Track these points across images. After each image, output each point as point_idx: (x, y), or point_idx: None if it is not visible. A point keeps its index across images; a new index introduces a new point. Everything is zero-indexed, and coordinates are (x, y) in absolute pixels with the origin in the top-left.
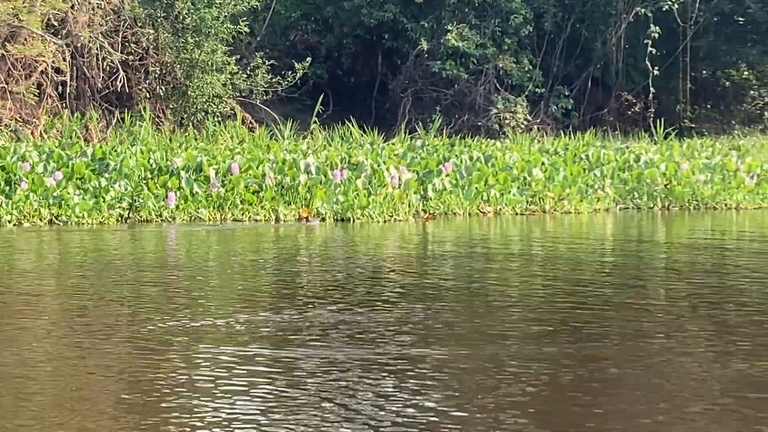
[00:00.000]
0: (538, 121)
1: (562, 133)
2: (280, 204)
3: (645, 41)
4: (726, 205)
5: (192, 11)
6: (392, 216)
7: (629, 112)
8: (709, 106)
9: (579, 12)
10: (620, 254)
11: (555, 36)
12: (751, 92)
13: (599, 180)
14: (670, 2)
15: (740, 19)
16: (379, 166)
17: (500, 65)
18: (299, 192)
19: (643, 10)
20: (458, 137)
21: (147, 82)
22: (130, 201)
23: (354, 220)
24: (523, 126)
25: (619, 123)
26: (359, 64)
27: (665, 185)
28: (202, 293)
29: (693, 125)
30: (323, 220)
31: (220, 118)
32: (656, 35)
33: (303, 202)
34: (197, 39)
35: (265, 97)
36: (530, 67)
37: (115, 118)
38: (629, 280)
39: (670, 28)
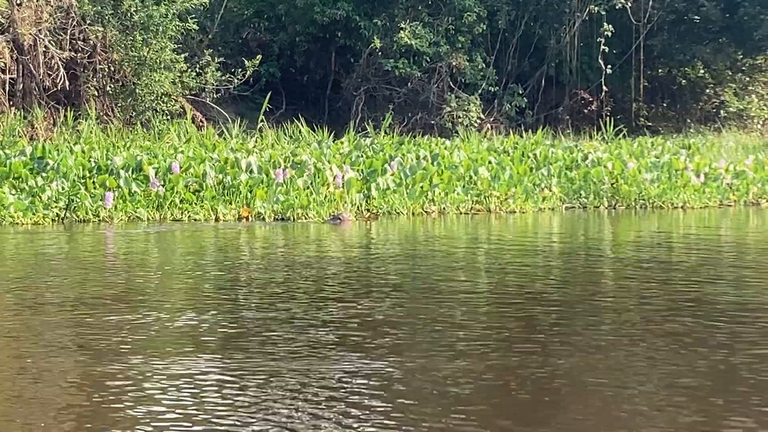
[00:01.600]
0: (492, 119)
1: (513, 131)
2: (219, 203)
3: (598, 39)
4: (672, 204)
5: (140, 8)
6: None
7: (585, 111)
8: (665, 105)
9: (533, 10)
10: (551, 253)
11: (509, 34)
12: (707, 91)
13: (546, 179)
14: (623, 0)
15: (695, 17)
16: (322, 165)
17: (453, 63)
18: (240, 191)
19: (596, 9)
20: (411, 136)
21: (95, 80)
22: (67, 201)
23: (294, 220)
24: (476, 124)
25: (575, 121)
26: (312, 63)
27: (612, 184)
28: (143, 295)
29: (649, 123)
30: (337, 219)
31: (169, 117)
32: (609, 33)
33: (244, 201)
34: (145, 37)
35: (216, 96)
36: (484, 65)
37: (62, 117)
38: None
39: (624, 26)
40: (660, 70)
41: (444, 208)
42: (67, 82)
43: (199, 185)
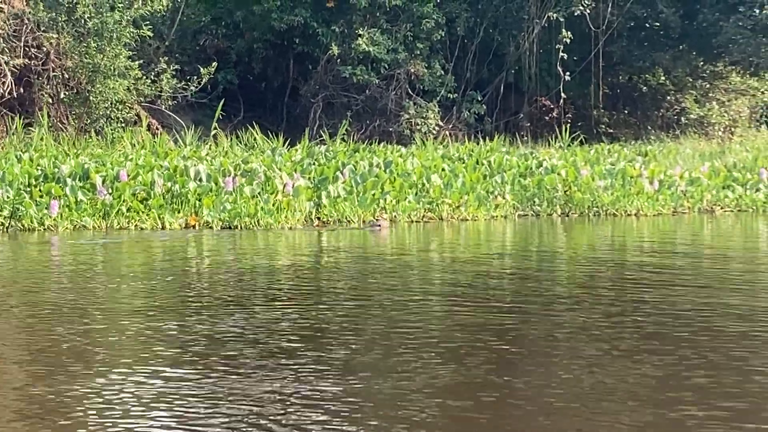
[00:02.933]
0: (451, 126)
1: (472, 138)
2: (167, 212)
3: (557, 46)
4: (626, 211)
5: (94, 15)
6: (280, 224)
7: (546, 118)
8: (626, 112)
9: (491, 17)
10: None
11: (468, 41)
12: (668, 97)
13: (500, 186)
14: (581, 7)
15: (655, 24)
16: (273, 173)
17: (412, 70)
18: (189, 200)
19: (555, 15)
20: (368, 143)
21: (49, 87)
22: (11, 209)
23: (241, 228)
24: (435, 132)
25: (536, 128)
26: (270, 69)
27: (565, 191)
28: (95, 305)
29: (611, 130)
30: (377, 225)
31: (124, 124)
32: (568, 40)
33: (192, 210)
34: (99, 43)
35: (172, 103)
36: (442, 72)
37: (15, 125)
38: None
39: (583, 33)
40: (621, 77)
41: (395, 216)
42: (19, 89)
43: (147, 193)
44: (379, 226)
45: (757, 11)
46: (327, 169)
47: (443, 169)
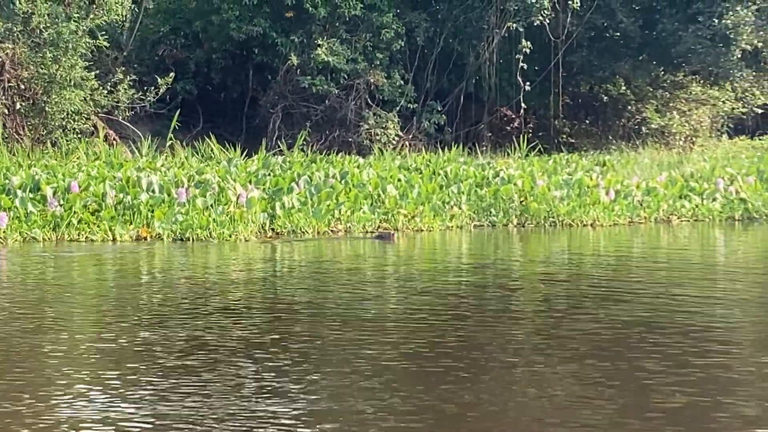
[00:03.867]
0: (411, 136)
1: (432, 149)
2: (118, 224)
3: (517, 56)
4: (582, 222)
5: (49, 25)
6: (233, 235)
7: (507, 128)
8: (588, 122)
9: (451, 27)
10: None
11: (427, 51)
12: (629, 107)
13: (456, 197)
14: (541, 17)
15: (615, 34)
16: (226, 184)
17: (371, 80)
18: (141, 211)
19: (514, 25)
20: (328, 154)
21: (5, 98)
22: None
23: (193, 240)
24: (394, 142)
25: (497, 138)
26: (229, 80)
27: (521, 202)
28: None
29: (572, 140)
30: (384, 236)
31: (80, 135)
32: (528, 50)
33: (144, 221)
34: (55, 54)
35: (129, 113)
36: (402, 82)
37: None
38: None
39: (543, 43)
40: (582, 87)
41: (350, 227)
42: None
43: (99, 205)
44: (390, 236)
45: (716, 21)
46: (282, 180)
47: (399, 180)
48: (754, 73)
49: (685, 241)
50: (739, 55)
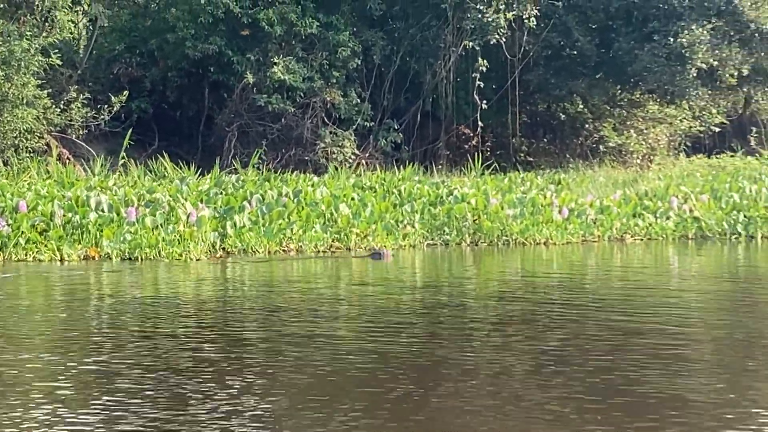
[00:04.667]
0: (367, 155)
1: (388, 167)
2: (65, 243)
3: (473, 75)
4: (535, 240)
5: (1, 43)
6: (182, 255)
7: (465, 146)
8: (546, 140)
9: (408, 45)
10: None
11: (384, 69)
12: (587, 126)
13: (409, 215)
14: (497, 36)
15: (571, 52)
16: (177, 202)
17: (328, 99)
18: (89, 231)
19: (471, 44)
20: (283, 172)
21: None
22: None
23: (142, 259)
24: (351, 160)
25: (455, 157)
26: (185, 98)
27: (474, 220)
28: None
29: (531, 159)
30: (377, 255)
31: (33, 154)
32: (484, 69)
33: (92, 241)
34: (7, 72)
35: (83, 132)
36: (359, 100)
37: None
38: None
39: (500, 61)
40: (539, 105)
41: (302, 246)
42: None
43: (47, 224)
44: (380, 255)
45: (672, 40)
46: (233, 199)
47: (353, 199)
48: (709, 92)
49: (630, 258)
50: (695, 74)
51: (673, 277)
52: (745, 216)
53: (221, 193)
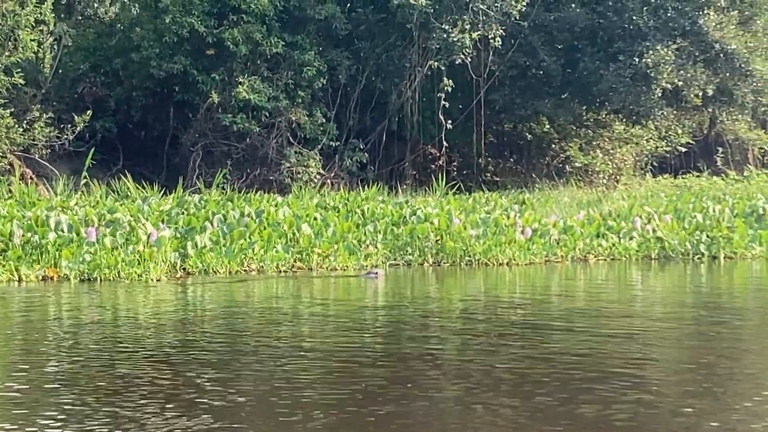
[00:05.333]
0: (332, 175)
1: (353, 187)
2: (24, 264)
3: (439, 95)
4: (497, 261)
5: None
6: (142, 275)
7: (432, 166)
8: (513, 160)
9: (373, 65)
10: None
11: (350, 88)
12: (553, 146)
13: (372, 235)
14: (462, 56)
15: (537, 72)
16: (138, 223)
17: (293, 118)
18: (48, 251)
19: (436, 64)
20: (248, 192)
21: None
22: None
23: (101, 280)
24: (316, 180)
25: (422, 177)
26: (150, 117)
27: (436, 241)
28: None
29: (497, 179)
30: (373, 274)
31: None
32: (450, 89)
33: (51, 261)
34: None
35: (46, 152)
36: (324, 120)
37: None
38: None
39: (466, 81)
40: (506, 125)
41: (263, 267)
42: None
43: (5, 244)
44: (376, 274)
45: (637, 60)
46: (195, 219)
47: (315, 219)
48: (674, 112)
49: (592, 279)
50: (660, 94)
51: (633, 298)
52: (708, 236)
53: (183, 213)
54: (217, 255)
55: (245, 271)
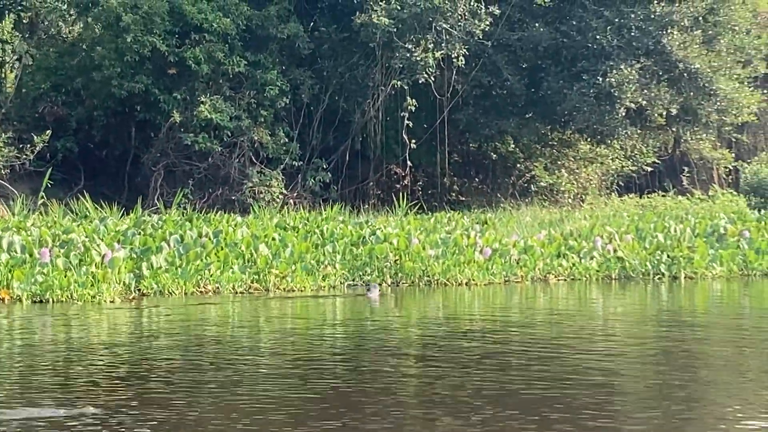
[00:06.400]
0: (295, 194)
1: (313, 206)
2: None
3: (402, 114)
4: (457, 281)
5: None
6: (96, 296)
7: (397, 185)
8: (478, 179)
9: (336, 84)
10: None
11: (313, 108)
12: (518, 165)
13: (330, 256)
14: (426, 75)
15: (502, 91)
16: (93, 243)
17: (255, 138)
18: (0, 272)
19: (399, 83)
20: (209, 212)
21: None
22: None
23: (53, 302)
24: (278, 200)
25: (386, 196)
26: (112, 137)
27: (395, 261)
28: None
29: (463, 198)
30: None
31: None
32: (413, 108)
33: (4, 282)
34: None
35: (5, 172)
36: (287, 139)
37: None
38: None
39: (429, 100)
40: (471, 145)
41: (219, 287)
42: None
43: None
44: (371, 289)
45: (601, 79)
46: (151, 240)
47: (274, 239)
48: (639, 131)
49: (551, 300)
50: (624, 113)
51: (592, 318)
52: (668, 256)
53: (139, 234)
54: (173, 276)
55: (201, 292)
